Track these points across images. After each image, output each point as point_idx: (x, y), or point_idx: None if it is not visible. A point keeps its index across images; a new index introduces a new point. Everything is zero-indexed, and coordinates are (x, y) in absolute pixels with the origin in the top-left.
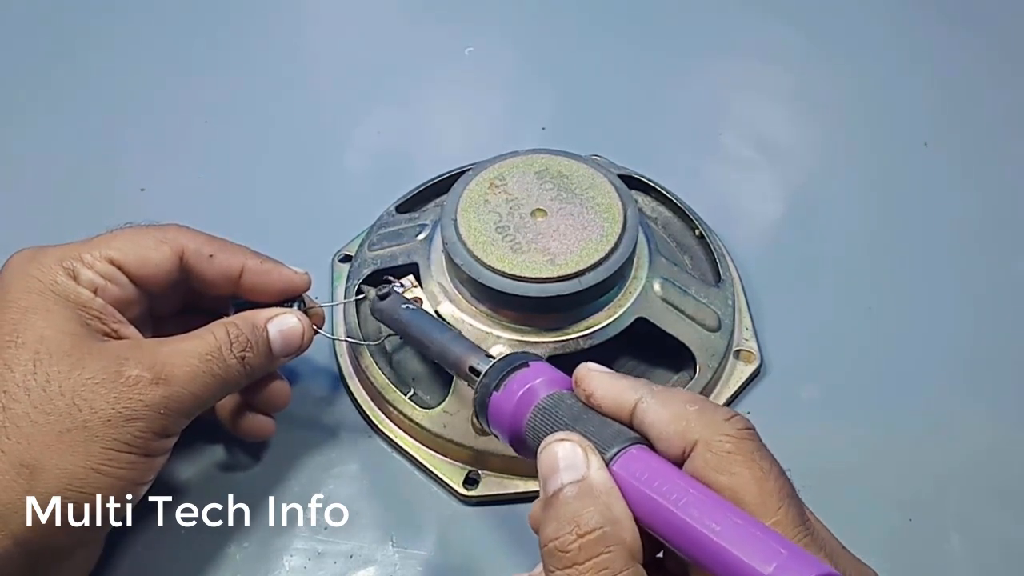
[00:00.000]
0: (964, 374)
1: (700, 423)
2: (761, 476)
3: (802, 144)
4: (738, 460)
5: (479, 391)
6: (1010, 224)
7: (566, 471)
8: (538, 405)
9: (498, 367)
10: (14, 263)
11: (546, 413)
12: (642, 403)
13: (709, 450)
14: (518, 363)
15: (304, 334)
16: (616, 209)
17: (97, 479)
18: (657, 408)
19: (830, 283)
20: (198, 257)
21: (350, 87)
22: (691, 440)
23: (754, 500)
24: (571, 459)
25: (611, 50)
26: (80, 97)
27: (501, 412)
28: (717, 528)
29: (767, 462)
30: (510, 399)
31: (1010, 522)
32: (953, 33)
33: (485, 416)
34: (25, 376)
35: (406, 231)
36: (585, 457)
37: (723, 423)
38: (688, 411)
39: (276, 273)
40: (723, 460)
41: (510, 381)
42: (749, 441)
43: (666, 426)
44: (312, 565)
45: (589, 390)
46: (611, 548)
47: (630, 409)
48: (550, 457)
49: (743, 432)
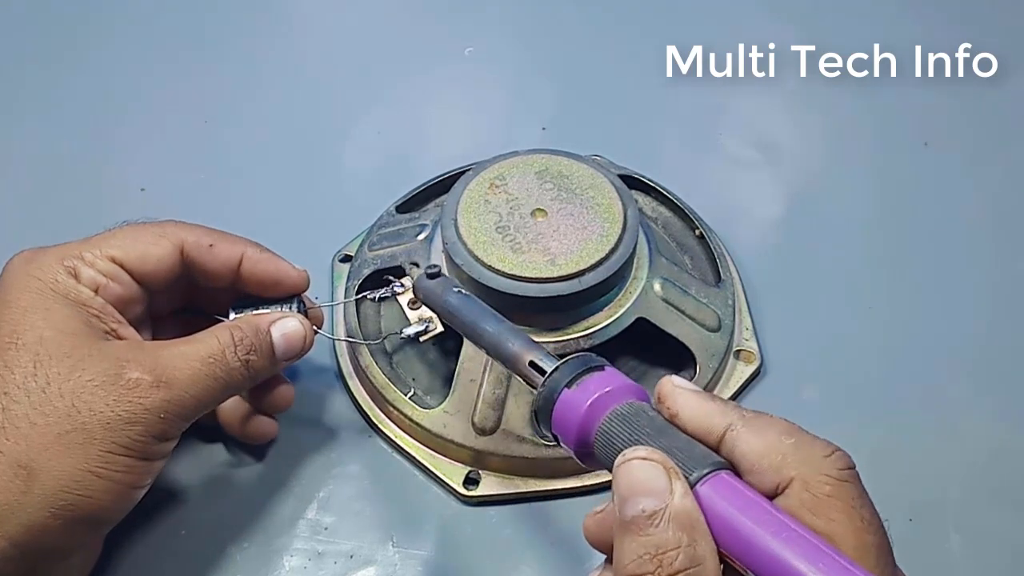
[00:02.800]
0: (964, 374)
1: (797, 458)
2: (861, 527)
3: (802, 144)
4: (837, 506)
5: (546, 387)
6: (1010, 224)
7: (648, 497)
8: (616, 411)
9: (572, 364)
10: (14, 264)
11: (626, 421)
12: (732, 431)
13: (806, 490)
14: (594, 364)
15: (306, 337)
16: (616, 209)
17: (95, 482)
18: (749, 438)
19: (830, 283)
20: (198, 249)
21: (350, 87)
22: (787, 477)
23: (850, 552)
24: (654, 482)
25: (611, 50)
26: (80, 97)
27: (571, 412)
28: (825, 569)
29: (868, 511)
30: (583, 400)
31: (1010, 522)
32: (953, 33)
33: (548, 414)
34: (25, 378)
35: (406, 231)
36: (669, 482)
37: (823, 460)
38: (784, 444)
39: (274, 263)
40: (821, 503)
41: (584, 381)
42: (850, 484)
43: (760, 459)
44: (312, 565)
45: (674, 409)
46: None
47: (719, 436)
48: (630, 476)
49: (844, 473)
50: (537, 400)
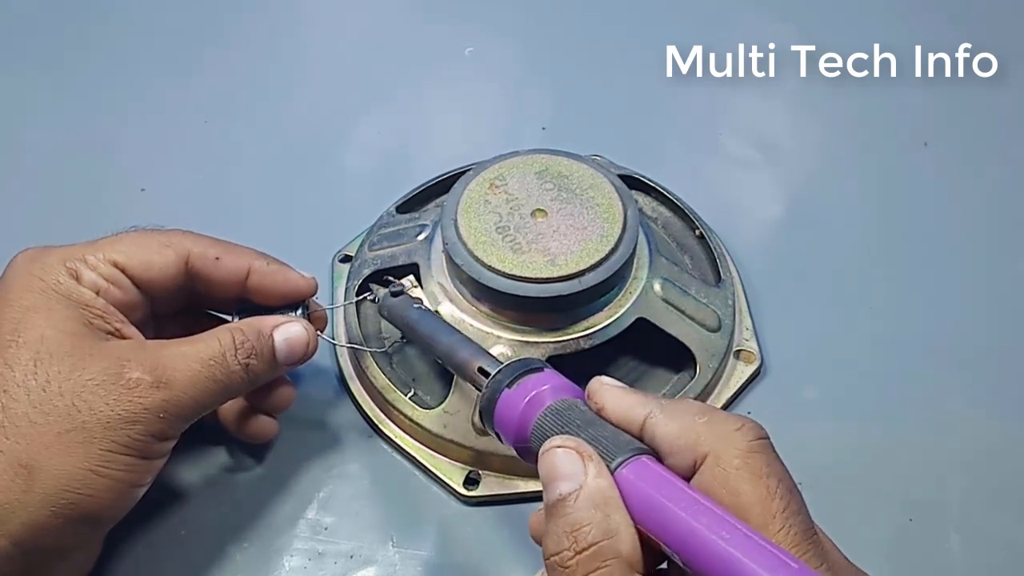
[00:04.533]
0: (965, 374)
1: (710, 436)
2: (766, 496)
3: (802, 144)
4: (745, 477)
5: (489, 388)
6: (1010, 224)
7: (564, 480)
8: (550, 407)
9: (513, 367)
10: (18, 262)
11: (558, 415)
12: (651, 417)
13: (718, 465)
14: (533, 367)
15: (309, 343)
16: (616, 209)
17: (95, 480)
18: (667, 422)
19: (830, 283)
20: (204, 260)
21: (350, 87)
22: (701, 453)
23: (757, 520)
24: (569, 467)
25: (611, 50)
26: (80, 97)
27: (510, 410)
28: (727, 537)
29: (774, 480)
30: (521, 398)
31: (1010, 522)
32: (953, 33)
33: (491, 414)
34: (25, 376)
35: (406, 231)
36: (583, 465)
37: (733, 434)
38: (697, 424)
39: (282, 275)
40: (731, 476)
41: (523, 381)
42: (759, 455)
43: (676, 439)
44: (312, 565)
45: (600, 403)
46: (608, 562)
47: (640, 424)
48: (548, 464)
49: (753, 444)
50: (480, 400)
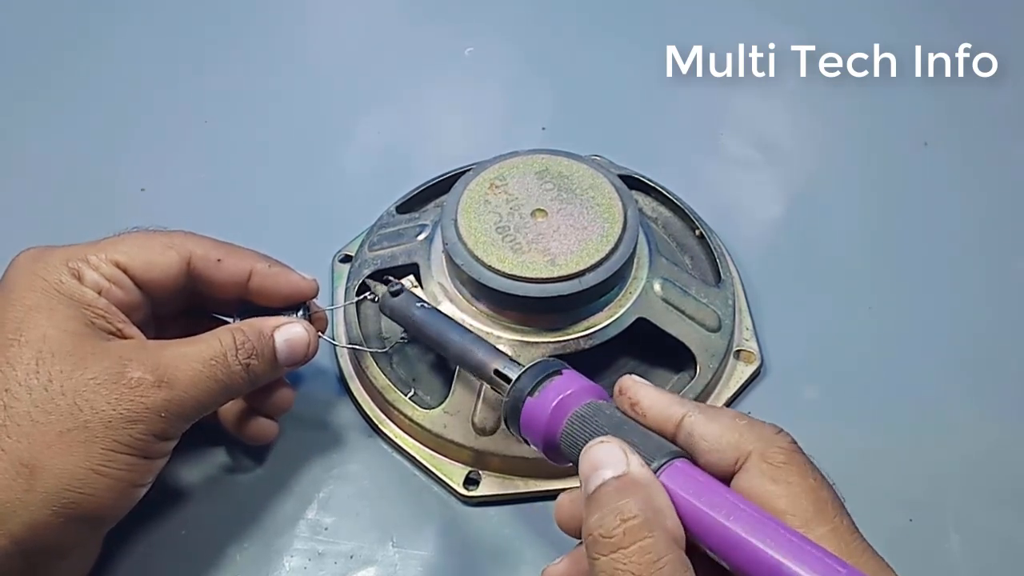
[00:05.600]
0: (965, 374)
1: (752, 436)
2: (816, 486)
3: (802, 144)
4: (793, 471)
5: (511, 396)
6: (1010, 224)
7: (608, 468)
8: (576, 413)
9: (532, 372)
10: (20, 262)
11: (585, 421)
12: (689, 416)
13: (764, 460)
14: (552, 370)
15: (310, 344)
16: (616, 209)
17: (96, 480)
18: (706, 422)
19: (830, 283)
20: (206, 262)
21: (350, 87)
22: (745, 451)
23: (811, 507)
24: (613, 457)
25: (611, 50)
26: (80, 97)
27: (536, 418)
28: (771, 543)
29: (818, 474)
30: (545, 406)
31: (1010, 522)
32: (953, 33)
33: (516, 422)
34: (27, 375)
35: (406, 231)
36: (625, 456)
37: (774, 436)
38: (739, 424)
39: (284, 277)
40: (779, 471)
41: (545, 388)
42: (800, 454)
43: (718, 438)
44: (312, 565)
45: (635, 399)
46: (654, 533)
47: (676, 422)
48: (592, 457)
49: (793, 446)
50: (505, 408)
